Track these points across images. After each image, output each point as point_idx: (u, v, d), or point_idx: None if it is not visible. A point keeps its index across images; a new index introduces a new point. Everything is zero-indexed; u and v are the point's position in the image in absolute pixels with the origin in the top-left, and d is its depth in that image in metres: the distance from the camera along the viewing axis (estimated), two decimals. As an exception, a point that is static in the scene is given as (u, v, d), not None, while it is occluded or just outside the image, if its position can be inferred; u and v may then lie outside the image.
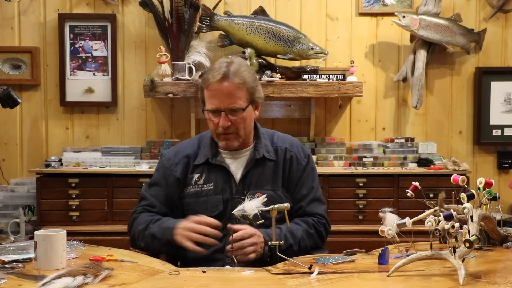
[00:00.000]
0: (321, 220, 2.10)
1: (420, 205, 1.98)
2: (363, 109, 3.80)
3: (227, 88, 1.97)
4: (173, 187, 2.10)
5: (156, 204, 2.10)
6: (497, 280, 1.51)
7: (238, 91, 1.98)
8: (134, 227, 2.09)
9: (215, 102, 1.99)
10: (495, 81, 3.75)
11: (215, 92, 1.98)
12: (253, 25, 3.52)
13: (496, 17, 3.78)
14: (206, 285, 1.55)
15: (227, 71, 1.97)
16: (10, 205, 3.49)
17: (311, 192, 2.11)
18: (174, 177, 2.09)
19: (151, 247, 2.03)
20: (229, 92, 1.97)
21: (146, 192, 2.15)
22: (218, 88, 1.97)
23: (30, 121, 3.76)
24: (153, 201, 2.11)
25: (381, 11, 3.76)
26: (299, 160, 2.12)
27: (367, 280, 1.59)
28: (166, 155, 2.17)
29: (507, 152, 3.81)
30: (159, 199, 2.11)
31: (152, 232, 2.01)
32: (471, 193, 1.64)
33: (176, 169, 2.10)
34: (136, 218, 2.10)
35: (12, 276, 1.59)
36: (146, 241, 2.03)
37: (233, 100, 1.98)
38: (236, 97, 1.98)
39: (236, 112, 1.99)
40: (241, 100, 1.99)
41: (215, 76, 1.97)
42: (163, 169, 2.13)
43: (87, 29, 3.72)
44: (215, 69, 2.00)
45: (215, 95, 1.98)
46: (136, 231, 2.07)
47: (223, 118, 1.98)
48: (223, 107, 1.98)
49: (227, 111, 1.98)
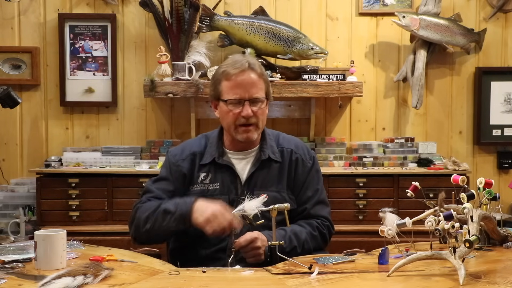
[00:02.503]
0: (325, 223, 2.10)
1: (420, 205, 1.98)
2: (363, 109, 3.80)
3: (251, 78, 2.00)
4: (180, 183, 2.08)
5: (163, 197, 2.06)
6: (497, 280, 1.51)
7: (260, 82, 2.02)
8: (139, 213, 2.01)
9: (239, 91, 1.99)
10: (495, 81, 3.75)
11: (240, 82, 1.99)
12: (253, 25, 3.52)
13: (496, 17, 3.78)
14: (206, 285, 1.55)
15: (250, 62, 2.01)
16: (10, 205, 3.49)
17: (316, 194, 2.11)
18: (180, 172, 2.08)
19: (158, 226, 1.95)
20: (252, 82, 2.00)
21: (151, 185, 2.11)
22: (243, 78, 1.99)
23: (30, 121, 3.76)
24: (159, 193, 2.07)
25: (381, 11, 3.76)
26: (305, 162, 2.12)
27: (367, 280, 1.59)
28: (172, 152, 2.16)
29: (507, 152, 3.81)
30: (166, 193, 2.07)
31: (164, 207, 1.95)
32: (471, 193, 1.64)
33: (182, 165, 2.09)
34: (142, 207, 2.03)
35: (12, 276, 1.59)
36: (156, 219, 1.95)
37: (256, 90, 2.01)
38: (258, 87, 2.01)
39: (258, 102, 2.01)
40: (262, 91, 2.03)
41: (239, 67, 2.00)
42: (169, 165, 2.12)
43: (87, 29, 3.72)
44: (235, 62, 2.02)
45: (239, 85, 1.99)
46: (143, 216, 1.99)
47: (247, 107, 1.99)
48: (247, 97, 1.99)
49: (251, 100, 2.00)
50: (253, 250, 1.86)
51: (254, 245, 1.86)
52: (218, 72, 2.06)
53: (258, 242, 1.86)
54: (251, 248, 1.86)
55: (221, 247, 1.99)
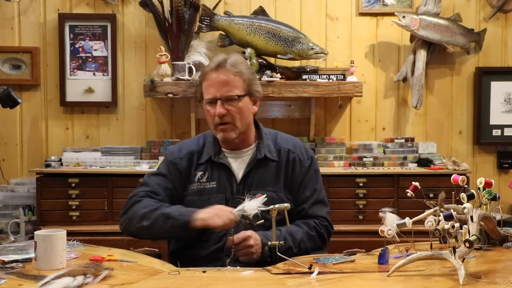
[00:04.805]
0: (323, 222, 2.09)
1: (420, 205, 1.98)
2: (363, 109, 3.80)
3: (223, 77, 2.00)
4: (177, 181, 2.08)
5: (160, 192, 2.05)
6: (497, 280, 1.51)
7: (235, 80, 2.01)
8: (135, 209, 2.00)
9: (212, 91, 2.00)
10: (495, 81, 3.75)
11: (212, 81, 2.00)
12: (253, 25, 3.52)
13: (496, 17, 3.78)
14: (206, 285, 1.55)
15: (223, 61, 2.02)
16: (10, 205, 3.49)
17: (314, 194, 2.10)
18: (178, 170, 2.09)
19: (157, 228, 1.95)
20: (225, 80, 2.00)
21: (149, 179, 2.10)
22: (214, 77, 2.00)
23: (30, 121, 3.76)
24: (157, 188, 2.06)
25: (381, 11, 3.76)
26: (302, 162, 2.11)
27: (367, 280, 1.59)
28: (170, 150, 2.17)
29: (507, 152, 3.81)
30: (163, 188, 2.07)
31: (167, 212, 1.94)
32: (471, 193, 1.64)
33: (180, 163, 2.09)
34: (138, 202, 2.02)
35: (12, 276, 1.59)
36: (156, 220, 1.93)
37: (229, 88, 2.00)
38: (232, 86, 2.00)
39: (232, 100, 2.00)
40: (237, 89, 2.01)
41: (211, 66, 2.02)
42: (167, 163, 2.12)
43: (87, 29, 3.72)
44: (213, 62, 2.05)
45: (211, 85, 2.00)
46: (139, 212, 1.98)
47: (219, 106, 1.99)
48: (219, 95, 1.99)
49: (223, 99, 1.99)
50: (245, 248, 1.86)
51: (247, 244, 1.86)
52: (201, 73, 2.08)
53: (251, 241, 1.87)
54: (244, 246, 1.86)
55: (220, 247, 1.98)
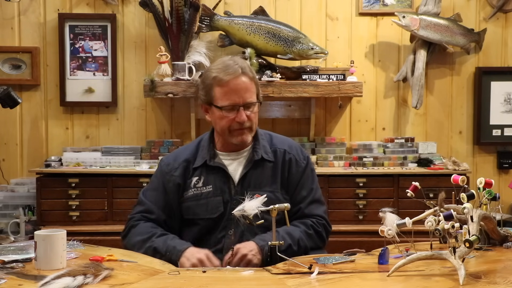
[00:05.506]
0: (320, 221, 2.09)
1: (420, 205, 1.98)
2: (363, 109, 3.80)
3: (244, 83, 2.00)
4: (173, 193, 2.07)
5: (154, 210, 2.07)
6: (497, 280, 1.51)
7: (252, 86, 2.02)
8: (131, 235, 2.05)
9: (233, 97, 1.99)
10: (495, 81, 3.75)
11: (234, 88, 1.99)
12: (253, 25, 3.52)
13: (496, 17, 3.78)
14: (206, 285, 1.55)
15: (242, 67, 2.00)
16: (10, 205, 3.49)
17: (310, 194, 2.10)
18: (174, 182, 2.08)
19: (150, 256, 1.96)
20: (246, 87, 2.00)
21: (143, 197, 2.12)
22: (236, 84, 1.99)
23: (30, 121, 3.76)
24: (151, 206, 2.08)
25: (381, 11, 3.76)
26: (298, 162, 2.11)
27: (367, 280, 1.59)
28: (165, 161, 2.15)
29: (507, 152, 3.81)
30: (158, 204, 2.08)
31: (155, 246, 1.96)
32: (471, 193, 1.63)
33: (175, 174, 2.08)
34: (134, 227, 2.06)
35: (12, 276, 1.59)
36: (146, 252, 1.96)
37: (249, 94, 2.01)
38: (251, 92, 2.02)
39: (252, 106, 2.02)
40: (254, 94, 2.04)
41: (232, 73, 1.98)
42: (162, 175, 2.11)
43: (87, 29, 3.72)
44: (227, 67, 2.00)
45: (232, 91, 1.99)
46: (134, 240, 2.02)
47: (242, 113, 2.00)
48: (242, 102, 1.99)
49: (245, 106, 2.00)
50: (241, 260, 1.86)
51: (239, 256, 1.86)
52: (208, 77, 2.03)
53: (242, 251, 1.87)
54: (239, 260, 1.86)
55: (219, 248, 1.99)
